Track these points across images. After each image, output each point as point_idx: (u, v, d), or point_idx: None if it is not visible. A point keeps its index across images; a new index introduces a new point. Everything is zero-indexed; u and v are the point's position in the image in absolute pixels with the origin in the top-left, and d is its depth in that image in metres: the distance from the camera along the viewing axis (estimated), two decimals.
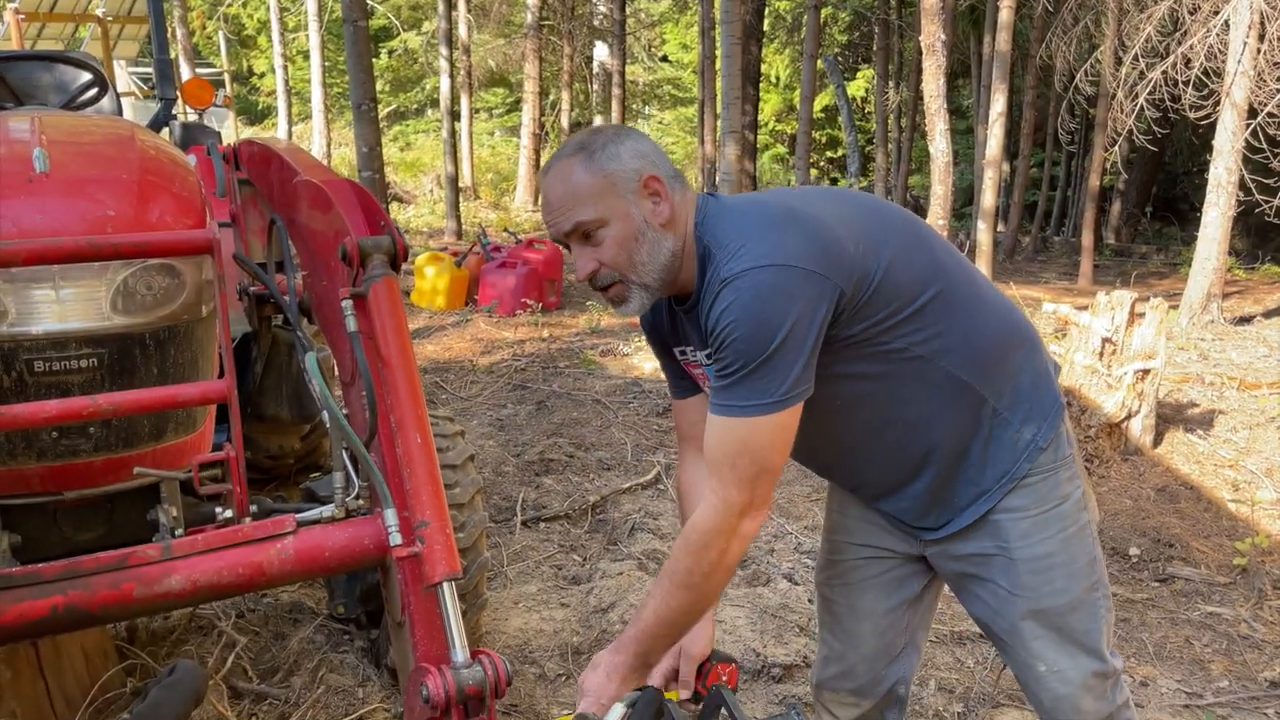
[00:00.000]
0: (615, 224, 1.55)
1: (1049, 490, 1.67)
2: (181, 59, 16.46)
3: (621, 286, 1.58)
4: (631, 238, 1.55)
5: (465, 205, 14.75)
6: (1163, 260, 14.76)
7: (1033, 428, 1.66)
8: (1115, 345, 4.55)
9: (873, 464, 1.72)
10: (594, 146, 1.57)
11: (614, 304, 1.61)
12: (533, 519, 4.15)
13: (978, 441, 1.65)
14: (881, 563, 1.85)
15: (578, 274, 1.61)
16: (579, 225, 1.55)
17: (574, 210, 1.55)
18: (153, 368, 2.08)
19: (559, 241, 1.63)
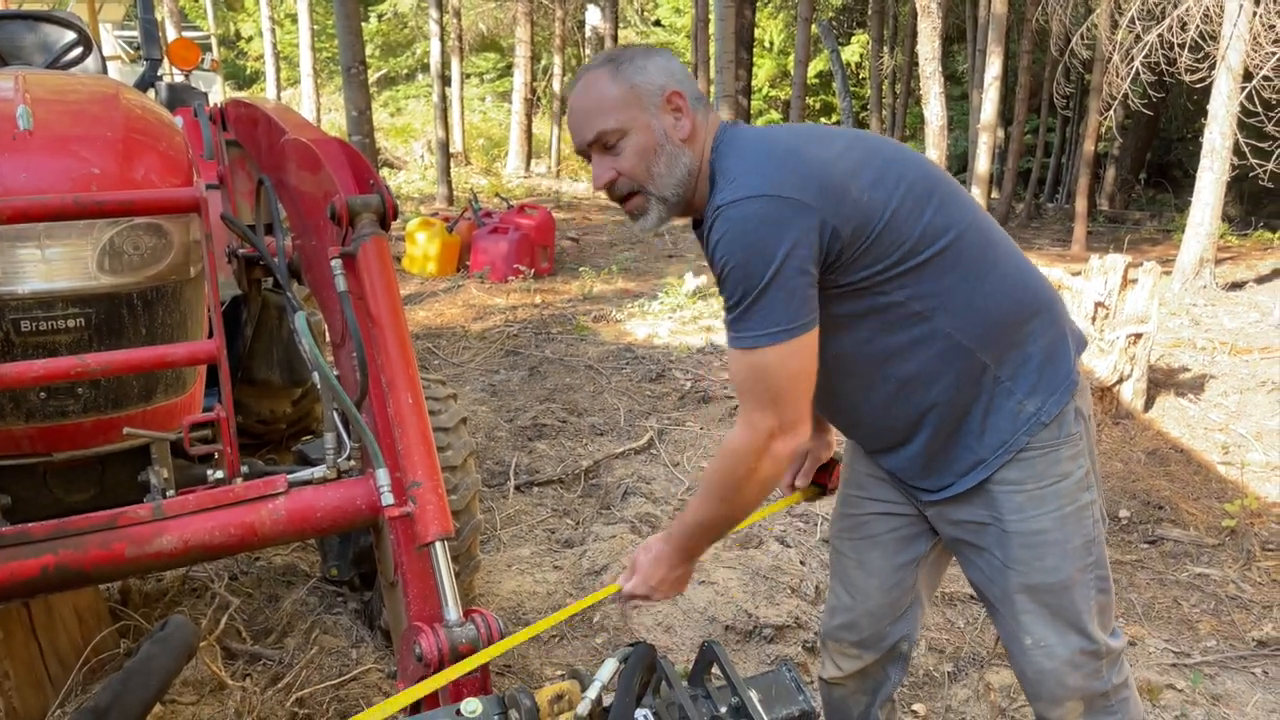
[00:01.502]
0: (635, 134, 1.57)
1: (1048, 466, 1.64)
2: (168, 22, 16.22)
3: (640, 198, 1.60)
4: (650, 149, 1.57)
5: (456, 171, 14.64)
6: (1156, 226, 14.75)
7: (1037, 400, 1.63)
8: (1108, 309, 4.55)
9: (869, 417, 1.73)
10: (622, 60, 1.60)
11: (632, 216, 1.63)
12: (526, 483, 4.15)
13: (978, 407, 1.63)
14: (891, 519, 1.86)
15: (595, 182, 1.63)
16: (600, 134, 1.58)
17: (596, 119, 1.58)
18: (140, 328, 2.06)
19: (581, 153, 1.64)
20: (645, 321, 6.71)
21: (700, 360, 5.84)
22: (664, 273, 8.27)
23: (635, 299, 7.28)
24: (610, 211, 12.50)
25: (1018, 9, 13.32)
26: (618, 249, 9.56)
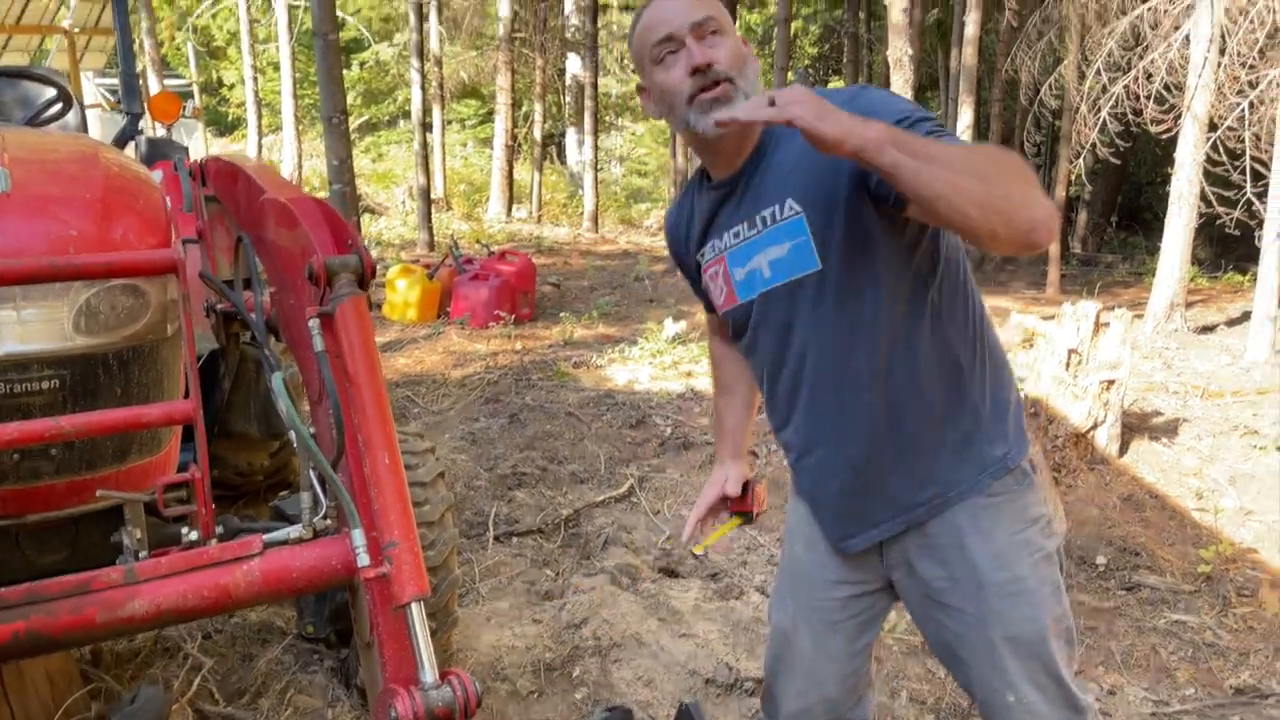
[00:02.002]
0: (731, 38, 1.59)
1: (1016, 514, 1.66)
2: (149, 70, 16.31)
3: (730, 86, 1.56)
4: (742, 58, 1.59)
5: (437, 217, 14.70)
6: (1128, 269, 14.94)
7: (1005, 446, 1.66)
8: (1081, 356, 4.61)
9: (855, 404, 1.65)
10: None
11: (717, 105, 1.55)
12: (505, 534, 4.13)
13: (953, 432, 1.64)
14: (859, 600, 1.82)
15: (696, 58, 1.55)
16: (710, 18, 1.57)
17: (705, 7, 1.57)
18: (116, 388, 2.06)
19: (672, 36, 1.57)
20: (626, 367, 6.73)
21: (680, 406, 5.86)
22: (644, 318, 8.31)
23: (616, 344, 7.31)
24: (591, 256, 12.57)
25: (988, 60, 13.60)
26: (598, 294, 9.61)
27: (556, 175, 21.14)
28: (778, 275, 1.62)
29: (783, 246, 1.60)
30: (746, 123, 1.41)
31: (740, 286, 1.70)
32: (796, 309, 1.62)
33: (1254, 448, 5.02)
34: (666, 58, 1.57)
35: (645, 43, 1.61)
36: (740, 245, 1.67)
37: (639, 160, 25.76)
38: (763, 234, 1.62)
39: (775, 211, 1.60)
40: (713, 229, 1.73)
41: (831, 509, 1.76)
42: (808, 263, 1.58)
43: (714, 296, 1.79)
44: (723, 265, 1.72)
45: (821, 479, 1.75)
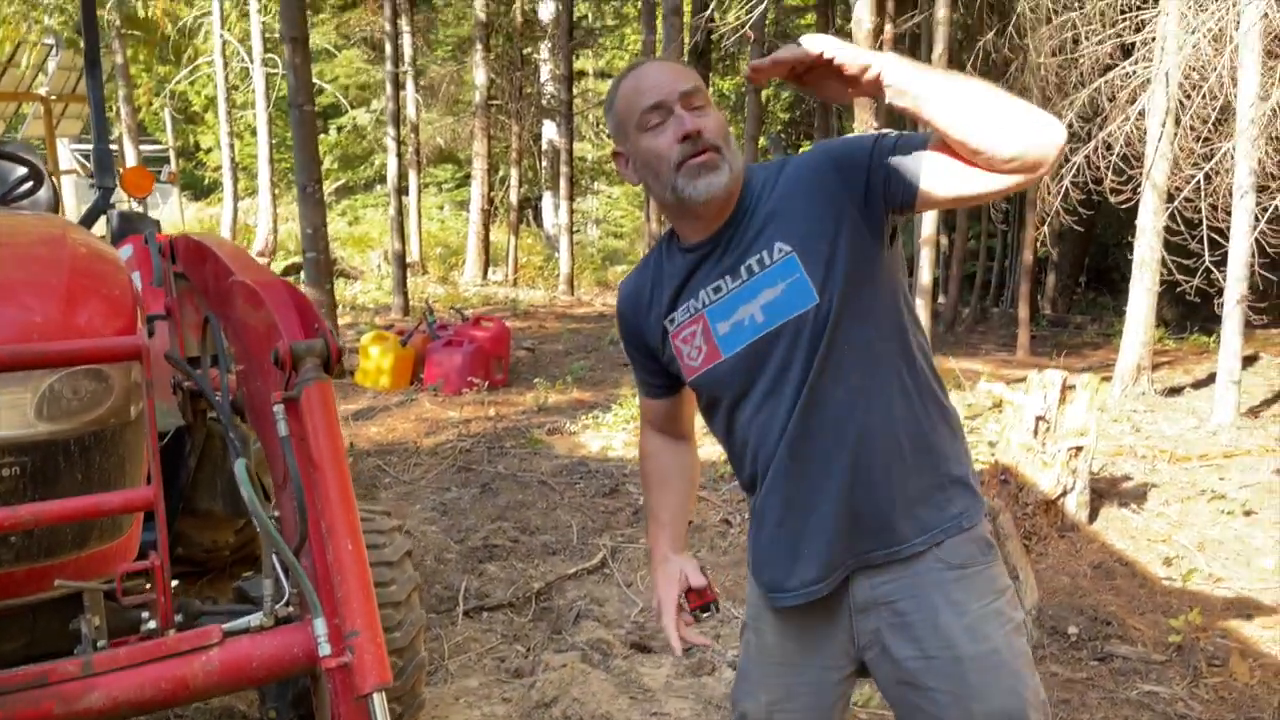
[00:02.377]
0: (716, 111, 1.65)
1: (986, 585, 1.67)
2: (125, 137, 16.40)
3: (718, 154, 1.61)
4: (726, 130, 1.65)
5: (413, 280, 14.75)
6: (1097, 330, 15.15)
7: (963, 504, 1.69)
8: (1049, 423, 4.66)
9: (830, 433, 1.64)
10: None
11: (706, 170, 1.60)
12: (475, 608, 4.09)
13: (918, 477, 1.65)
14: (833, 688, 1.78)
15: (687, 125, 1.60)
16: (698, 89, 1.63)
17: (691, 80, 1.64)
18: (77, 474, 2.04)
19: (661, 105, 1.62)
20: (599, 434, 6.72)
21: None
22: (619, 382, 8.33)
23: (590, 410, 7.31)
24: (567, 320, 12.62)
25: None
26: (573, 358, 9.63)
27: (533, 238, 21.31)
28: (773, 318, 1.62)
29: (776, 288, 1.61)
30: (789, 61, 1.47)
31: (725, 340, 1.67)
32: (797, 348, 1.61)
33: (1222, 512, 5.07)
34: (655, 125, 1.61)
35: (632, 108, 1.64)
36: (723, 299, 1.67)
37: (615, 222, 26.06)
38: (750, 282, 1.63)
39: (763, 257, 1.62)
40: (687, 290, 1.72)
41: (810, 549, 1.69)
42: (806, 299, 1.59)
43: (687, 361, 1.74)
44: (701, 324, 1.70)
45: (804, 515, 1.69)
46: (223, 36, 15.25)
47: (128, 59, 16.07)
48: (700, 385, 1.75)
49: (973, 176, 1.49)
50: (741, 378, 1.68)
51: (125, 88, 15.88)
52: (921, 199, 1.55)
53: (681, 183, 1.61)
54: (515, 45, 16.34)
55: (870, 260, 1.61)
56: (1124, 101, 7.12)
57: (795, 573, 1.71)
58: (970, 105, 1.43)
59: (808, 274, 1.59)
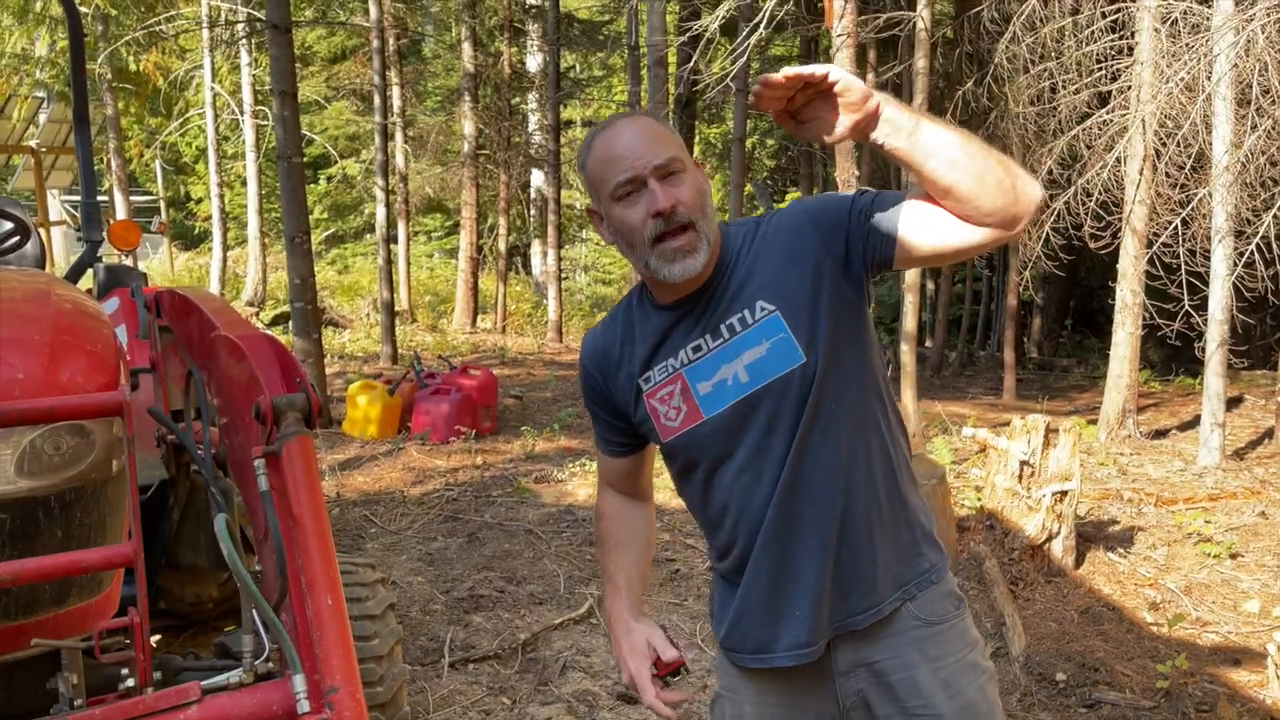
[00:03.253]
0: (691, 175, 1.59)
1: (959, 639, 1.68)
2: (115, 189, 16.48)
3: (694, 234, 1.56)
4: (702, 194, 1.60)
5: (402, 328, 14.77)
6: (1083, 373, 15.25)
7: (933, 558, 1.70)
8: (1033, 468, 4.68)
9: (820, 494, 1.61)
10: (659, 116, 1.71)
11: (682, 255, 1.56)
12: (461, 660, 4.05)
13: (895, 534, 1.66)
14: None
15: (661, 201, 1.54)
16: (673, 159, 1.56)
17: (666, 146, 1.57)
18: (57, 530, 2.04)
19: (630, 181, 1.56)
20: (587, 481, 6.71)
21: None
22: None
23: (577, 457, 7.30)
24: (555, 366, 12.63)
25: None
26: (561, 405, 9.63)
27: (521, 285, 21.39)
28: (758, 378, 1.58)
29: (760, 347, 1.58)
30: (798, 77, 1.39)
31: (706, 400, 1.62)
32: (783, 408, 1.57)
33: (1208, 555, 5.08)
34: (628, 196, 1.56)
35: (603, 177, 1.58)
36: (704, 358, 1.62)
37: (604, 269, 26.20)
38: (732, 341, 1.59)
39: (745, 317, 1.59)
40: (664, 349, 1.67)
41: (801, 611, 1.65)
42: (792, 358, 1.56)
43: (664, 421, 1.68)
44: (679, 383, 1.65)
45: (793, 577, 1.64)
46: (213, 89, 15.39)
47: (119, 111, 16.20)
48: (678, 446, 1.69)
49: (950, 230, 1.49)
50: (724, 439, 1.63)
51: (116, 140, 15.99)
52: (900, 255, 1.55)
53: (656, 263, 1.57)
54: (503, 96, 16.55)
55: (851, 318, 1.61)
56: (1102, 149, 7.24)
57: (783, 635, 1.66)
58: (958, 152, 1.42)
59: (792, 333, 1.56)
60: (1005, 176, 1.42)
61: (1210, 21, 6.45)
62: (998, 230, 1.46)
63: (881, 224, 1.55)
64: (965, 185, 1.42)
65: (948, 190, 1.44)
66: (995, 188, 1.42)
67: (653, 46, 8.55)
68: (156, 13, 14.58)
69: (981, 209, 1.43)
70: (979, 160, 1.42)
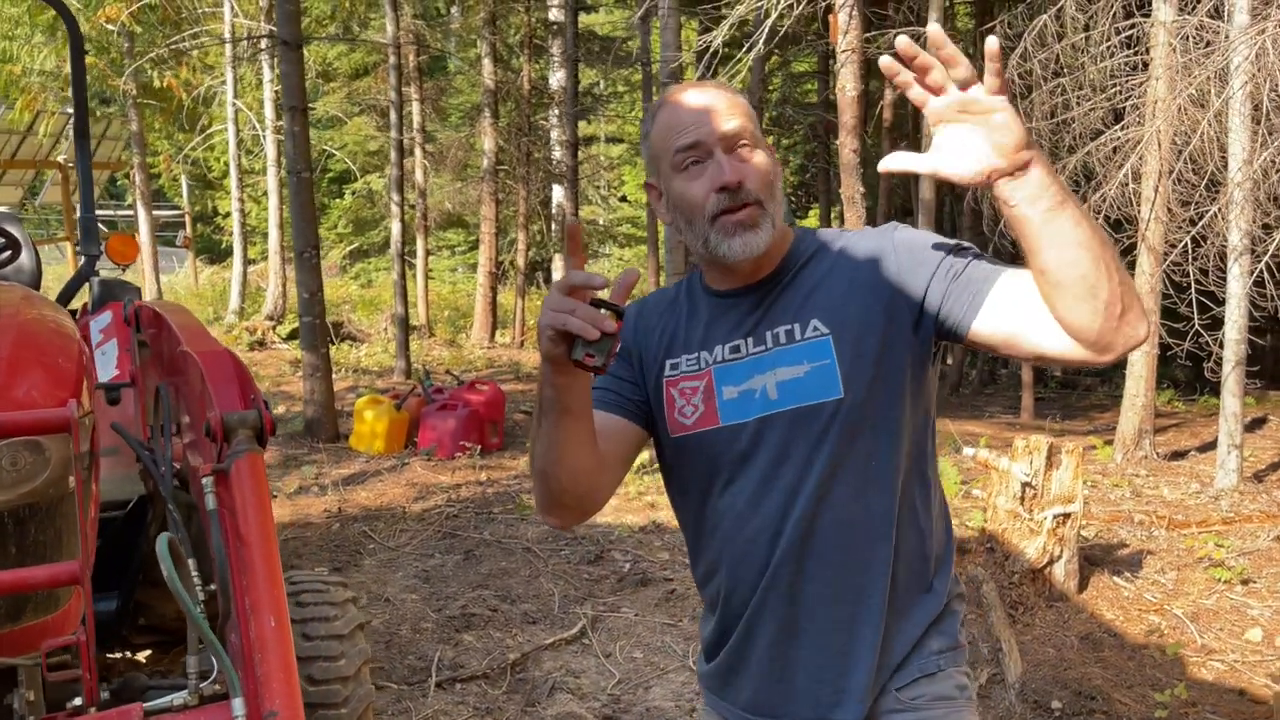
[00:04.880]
0: (762, 154, 1.46)
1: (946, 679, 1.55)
2: (139, 203, 16.70)
3: (758, 210, 1.44)
4: (773, 174, 1.47)
5: (419, 343, 14.80)
6: (1106, 392, 15.01)
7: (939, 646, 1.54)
8: (1035, 489, 4.59)
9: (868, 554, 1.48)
10: (734, 88, 1.54)
11: (743, 229, 1.43)
12: (448, 679, 4.02)
13: (933, 594, 1.54)
14: None
15: (727, 175, 1.42)
16: (743, 129, 1.44)
17: (738, 115, 1.45)
18: (10, 547, 2.03)
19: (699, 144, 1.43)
20: None
21: (641, 540, 5.78)
22: None
23: None
24: None
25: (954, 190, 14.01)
26: None
27: (542, 300, 21.39)
28: (787, 399, 1.44)
29: (800, 368, 1.44)
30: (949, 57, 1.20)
31: (727, 407, 1.49)
32: (798, 439, 1.44)
33: (1218, 581, 4.95)
34: (691, 167, 1.44)
35: (667, 144, 1.47)
36: (738, 362, 1.49)
37: None
38: (772, 352, 1.46)
39: (794, 330, 1.46)
40: (701, 339, 1.54)
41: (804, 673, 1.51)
42: (828, 390, 1.42)
43: (677, 415, 1.54)
44: (705, 381, 1.51)
45: (797, 641, 1.51)
46: (235, 105, 15.58)
47: (144, 127, 16.43)
48: (683, 447, 1.54)
49: (1037, 330, 1.32)
50: (733, 455, 1.49)
51: (140, 155, 16.21)
52: (975, 334, 1.39)
53: (715, 238, 1.45)
54: (523, 112, 16.62)
55: (906, 373, 1.45)
56: (1115, 165, 7.14)
57: (788, 703, 1.53)
58: (1086, 253, 1.21)
59: (839, 363, 1.42)
60: (1119, 300, 1.23)
61: (1224, 37, 6.36)
62: (1085, 351, 1.28)
63: (969, 291, 1.39)
64: (1074, 291, 1.23)
65: (1053, 286, 1.25)
66: (1104, 307, 1.23)
67: (665, 61, 8.56)
68: (181, 30, 14.78)
69: (1077, 322, 1.25)
70: (1101, 271, 1.22)
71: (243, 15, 15.10)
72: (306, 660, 2.63)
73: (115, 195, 29.07)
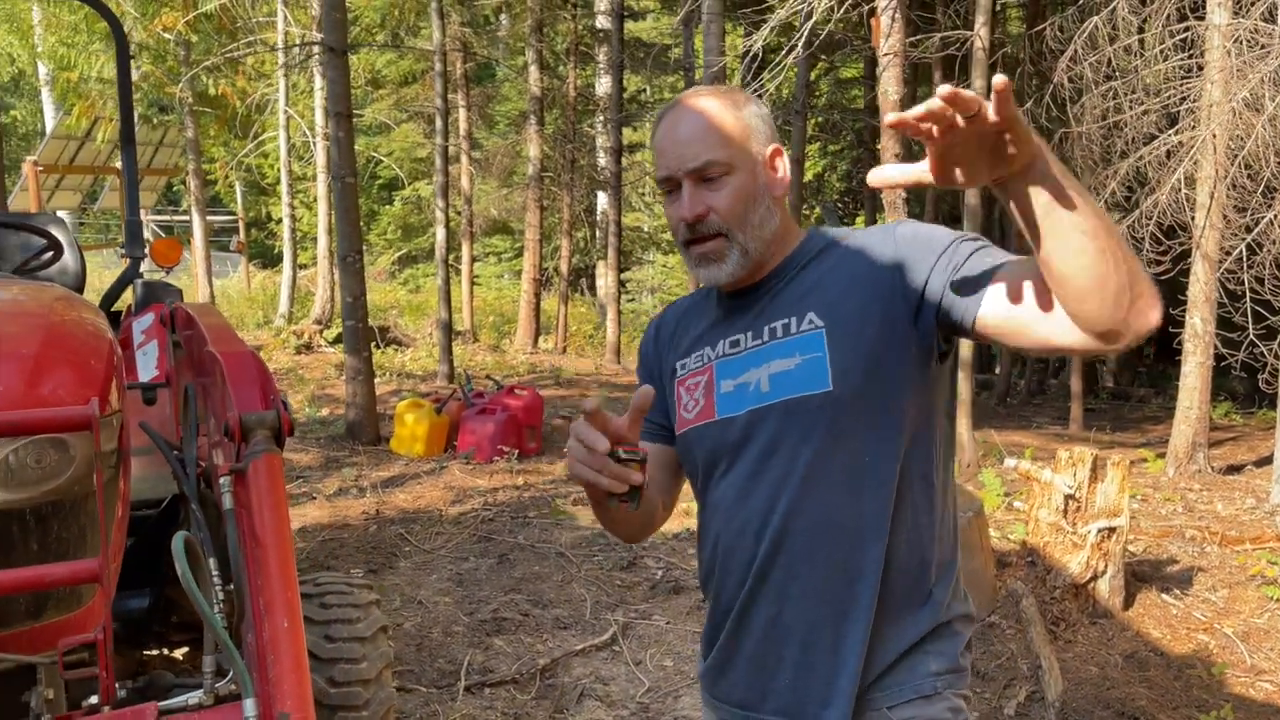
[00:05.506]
0: (740, 175, 1.46)
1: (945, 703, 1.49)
2: (193, 209, 17.03)
3: (723, 242, 1.46)
4: (751, 196, 1.47)
5: (463, 348, 14.90)
6: (1160, 404, 14.65)
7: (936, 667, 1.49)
8: (1079, 502, 4.47)
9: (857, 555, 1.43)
10: (736, 94, 1.53)
11: (706, 262, 1.47)
12: (477, 684, 4.01)
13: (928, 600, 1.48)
14: None
15: (685, 211, 1.46)
16: (710, 163, 1.45)
17: (708, 147, 1.45)
18: (32, 543, 2.05)
19: (667, 179, 1.48)
20: None
21: (674, 547, 5.74)
22: None
23: None
24: (609, 388, 12.61)
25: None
26: None
27: (586, 306, 21.46)
28: (777, 391, 1.44)
29: (791, 360, 1.44)
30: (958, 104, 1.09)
31: (724, 400, 1.50)
32: (787, 432, 1.43)
33: (1271, 599, 4.79)
34: (670, 193, 1.49)
35: (655, 167, 1.52)
36: (736, 356, 1.51)
37: (670, 291, 26.18)
38: (768, 345, 1.47)
39: (790, 324, 1.46)
40: (706, 336, 1.57)
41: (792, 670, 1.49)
42: (817, 381, 1.41)
43: (683, 411, 1.57)
44: (707, 375, 1.53)
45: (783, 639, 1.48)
46: (287, 112, 15.84)
47: (199, 134, 16.76)
48: (687, 441, 1.57)
49: (1044, 320, 1.28)
50: (726, 447, 1.49)
51: (194, 162, 16.53)
52: (980, 325, 1.34)
53: (689, 262, 1.51)
54: (568, 119, 16.69)
55: (909, 369, 1.43)
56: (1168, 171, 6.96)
57: (768, 697, 1.50)
58: (1089, 243, 1.17)
59: (830, 356, 1.41)
60: (1128, 289, 1.19)
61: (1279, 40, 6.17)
62: (1094, 341, 1.24)
63: (973, 282, 1.35)
64: (1079, 281, 1.19)
65: (1058, 278, 1.21)
66: (1113, 298, 1.19)
67: (708, 65, 8.52)
68: (236, 39, 15.06)
69: (1085, 313, 1.21)
70: (1107, 261, 1.17)
71: (295, 24, 15.35)
72: (328, 662, 2.63)
73: (172, 201, 29.71)
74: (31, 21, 17.24)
